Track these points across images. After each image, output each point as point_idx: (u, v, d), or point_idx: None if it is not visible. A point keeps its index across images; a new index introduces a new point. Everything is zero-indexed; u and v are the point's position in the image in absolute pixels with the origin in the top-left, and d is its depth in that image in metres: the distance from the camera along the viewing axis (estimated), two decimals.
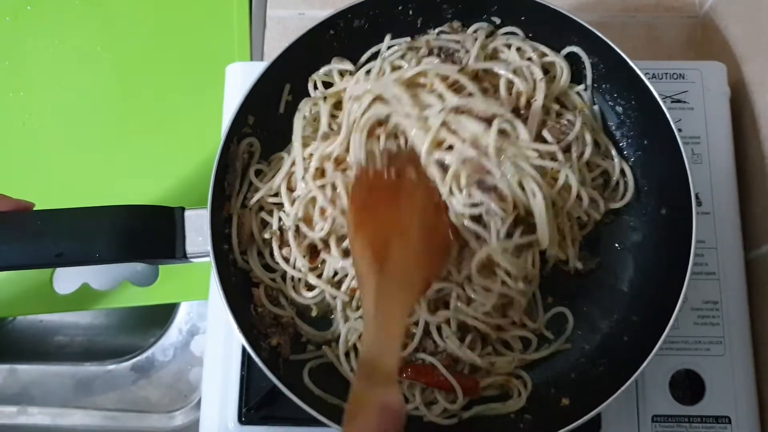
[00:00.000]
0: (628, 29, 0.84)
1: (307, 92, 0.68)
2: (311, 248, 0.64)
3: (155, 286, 0.80)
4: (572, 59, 0.67)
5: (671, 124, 0.60)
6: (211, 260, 0.58)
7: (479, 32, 0.67)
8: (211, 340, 0.68)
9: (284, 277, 0.64)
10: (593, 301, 0.65)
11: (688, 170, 0.59)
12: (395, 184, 0.58)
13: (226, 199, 0.63)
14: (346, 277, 0.63)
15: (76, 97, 0.87)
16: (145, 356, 0.81)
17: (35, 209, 0.58)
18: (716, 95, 0.73)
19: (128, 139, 0.85)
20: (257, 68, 0.64)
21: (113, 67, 0.88)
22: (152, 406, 0.80)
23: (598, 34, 0.64)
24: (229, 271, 0.62)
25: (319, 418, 0.54)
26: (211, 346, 0.68)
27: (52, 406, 0.80)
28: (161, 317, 0.83)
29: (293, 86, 0.68)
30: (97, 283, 0.80)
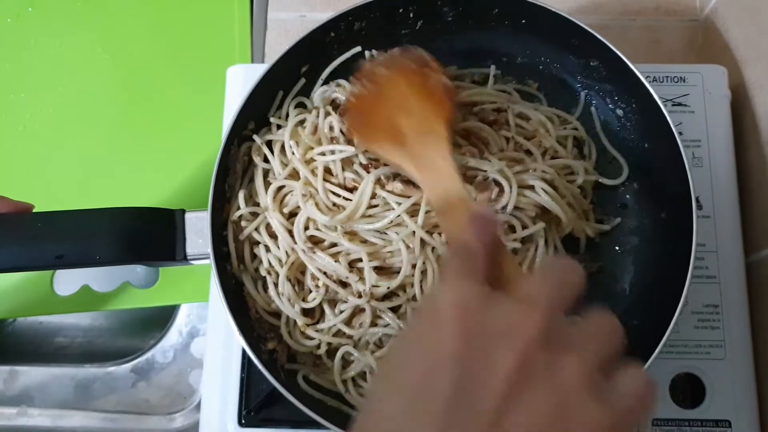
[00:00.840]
0: (628, 32, 0.84)
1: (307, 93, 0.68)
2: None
3: (155, 288, 0.80)
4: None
5: (672, 127, 0.60)
6: (211, 262, 0.58)
7: None
8: (211, 342, 0.68)
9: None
10: (594, 304, 0.65)
11: (688, 173, 0.59)
12: (376, 90, 0.61)
13: (226, 201, 0.63)
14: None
15: (77, 99, 0.87)
16: (145, 358, 0.81)
17: (35, 211, 0.58)
18: (717, 98, 0.73)
19: (129, 141, 0.85)
20: (258, 70, 0.64)
21: (114, 69, 0.88)
22: (152, 407, 0.80)
23: (598, 36, 0.64)
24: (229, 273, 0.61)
25: (319, 420, 0.54)
26: (211, 348, 0.68)
27: (52, 407, 0.79)
28: (161, 319, 0.83)
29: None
30: (97, 284, 0.80)
